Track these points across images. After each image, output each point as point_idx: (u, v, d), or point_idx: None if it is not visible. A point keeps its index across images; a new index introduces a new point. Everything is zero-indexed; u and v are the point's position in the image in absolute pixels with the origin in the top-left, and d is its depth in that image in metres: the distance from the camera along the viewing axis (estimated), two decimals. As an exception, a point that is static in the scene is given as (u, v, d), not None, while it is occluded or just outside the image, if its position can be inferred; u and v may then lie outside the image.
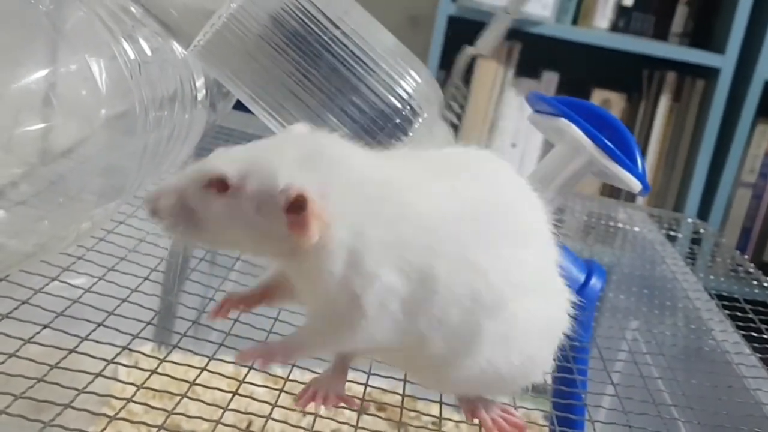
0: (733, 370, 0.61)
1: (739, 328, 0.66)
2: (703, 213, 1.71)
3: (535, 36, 1.67)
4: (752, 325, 0.65)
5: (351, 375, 0.62)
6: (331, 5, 0.59)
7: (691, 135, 1.72)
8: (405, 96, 0.59)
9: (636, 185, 0.58)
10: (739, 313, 0.68)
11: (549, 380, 0.57)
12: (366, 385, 0.53)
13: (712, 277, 0.81)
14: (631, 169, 0.58)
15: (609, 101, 1.74)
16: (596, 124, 0.59)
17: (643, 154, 1.71)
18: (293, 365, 0.52)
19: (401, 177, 0.41)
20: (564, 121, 0.59)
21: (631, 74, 1.75)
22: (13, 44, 0.50)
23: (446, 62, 1.72)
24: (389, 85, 0.59)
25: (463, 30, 1.67)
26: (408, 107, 0.59)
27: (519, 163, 1.76)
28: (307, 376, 0.63)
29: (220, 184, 0.40)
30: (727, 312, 0.70)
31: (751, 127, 1.66)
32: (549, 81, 1.76)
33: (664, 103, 1.73)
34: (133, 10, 0.59)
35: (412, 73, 0.60)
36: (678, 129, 1.73)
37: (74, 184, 0.55)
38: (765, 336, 0.63)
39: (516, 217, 0.43)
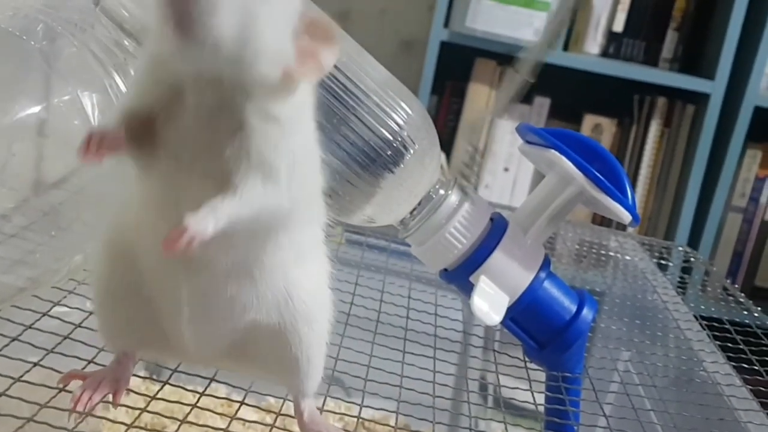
0: (724, 402, 0.61)
1: (730, 359, 0.66)
2: (694, 237, 1.71)
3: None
4: (743, 356, 0.65)
5: (344, 406, 0.62)
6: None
7: (681, 159, 1.73)
8: (396, 128, 0.59)
9: (626, 216, 0.58)
10: (729, 344, 0.68)
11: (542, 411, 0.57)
12: (358, 417, 0.53)
13: (703, 306, 0.81)
14: (621, 200, 0.58)
15: (600, 126, 1.75)
16: (586, 156, 0.59)
17: (634, 178, 1.73)
18: (285, 399, 0.52)
19: None
20: (554, 152, 0.59)
21: (622, 99, 1.76)
22: (7, 80, 0.50)
23: (438, 88, 1.73)
24: (380, 118, 0.59)
25: (456, 56, 1.68)
26: (399, 139, 0.59)
27: (512, 187, 1.76)
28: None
29: None
30: (718, 342, 0.70)
31: (741, 152, 1.67)
32: (540, 106, 1.77)
33: (654, 128, 1.73)
34: (125, 43, 0.59)
35: (404, 105, 0.60)
36: (669, 154, 1.74)
37: (66, 215, 0.55)
38: (756, 367, 0.63)
39: None
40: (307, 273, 0.46)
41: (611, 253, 0.96)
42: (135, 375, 0.53)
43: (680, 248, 1.00)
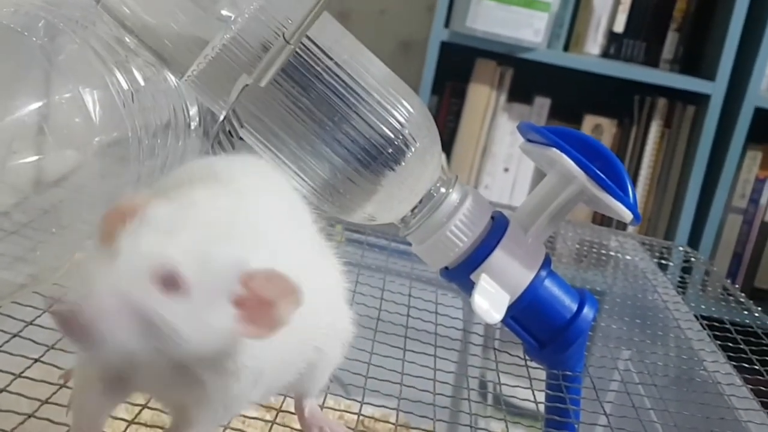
0: (724, 401, 0.61)
1: (730, 358, 0.66)
2: (694, 238, 1.71)
3: (527, 62, 1.68)
4: (744, 355, 0.65)
5: (344, 403, 0.62)
6: (323, 34, 0.60)
7: (682, 160, 1.73)
8: (397, 126, 0.59)
9: (627, 215, 0.58)
10: (730, 343, 0.68)
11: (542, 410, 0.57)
12: (359, 415, 0.53)
13: (703, 306, 0.81)
14: (623, 199, 0.58)
15: (600, 126, 1.75)
16: (588, 154, 0.59)
17: (634, 179, 1.73)
18: (285, 396, 0.52)
19: None
20: (555, 151, 0.59)
21: (622, 100, 1.76)
22: (8, 77, 0.50)
23: (438, 88, 1.73)
24: (381, 115, 0.59)
25: (456, 56, 1.68)
26: (400, 137, 0.59)
27: (511, 187, 1.76)
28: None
29: (169, 281, 0.33)
30: (718, 342, 0.70)
31: (741, 153, 1.67)
32: (541, 106, 1.77)
33: (655, 129, 1.73)
34: (127, 40, 0.59)
35: (405, 102, 0.60)
36: (669, 154, 1.74)
37: (67, 213, 0.55)
38: (756, 367, 0.63)
39: None
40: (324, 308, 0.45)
41: (611, 253, 0.96)
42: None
43: (680, 248, 1.00)
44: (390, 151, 0.58)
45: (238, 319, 0.35)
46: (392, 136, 0.58)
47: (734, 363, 0.66)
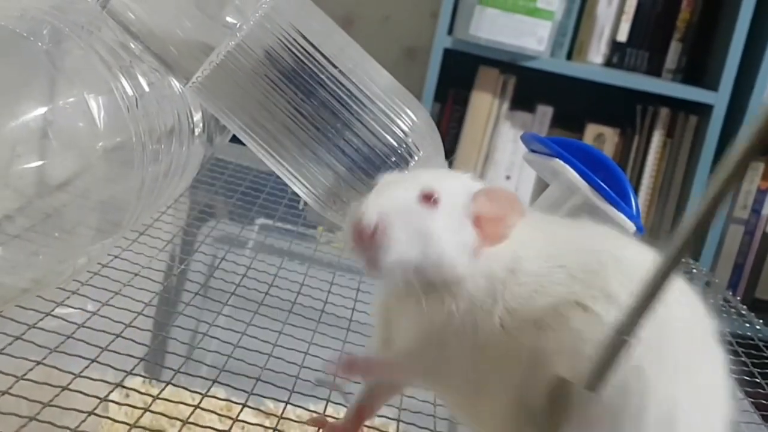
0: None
1: (731, 371, 0.66)
2: (696, 248, 1.71)
3: (530, 70, 1.68)
4: (745, 368, 0.65)
5: (343, 413, 0.62)
6: (327, 42, 0.60)
7: (684, 170, 1.73)
8: (401, 135, 0.59)
9: (630, 226, 0.58)
10: (731, 356, 0.68)
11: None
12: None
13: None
14: (625, 210, 0.58)
15: (603, 135, 1.75)
16: (591, 165, 0.59)
17: (636, 188, 1.73)
18: (287, 402, 0.52)
19: None
20: (558, 161, 0.59)
21: (625, 109, 1.76)
22: (13, 82, 0.50)
23: (441, 95, 1.73)
24: (385, 124, 0.59)
25: (459, 63, 1.68)
26: (404, 146, 0.59)
27: (513, 195, 1.76)
28: (298, 412, 0.64)
29: (429, 198, 0.42)
30: (720, 354, 0.69)
31: (743, 164, 1.67)
32: (543, 114, 1.77)
33: (657, 139, 1.74)
34: (132, 46, 0.59)
35: (408, 111, 0.60)
36: (671, 164, 1.74)
37: (70, 217, 0.55)
38: (758, 380, 0.63)
39: None
40: None
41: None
42: (136, 375, 0.53)
43: (682, 259, 1.00)
44: (393, 159, 0.58)
45: (477, 235, 0.42)
46: (396, 145, 0.59)
47: (735, 376, 0.65)
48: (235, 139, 0.68)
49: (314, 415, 0.50)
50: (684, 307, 0.43)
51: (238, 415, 0.51)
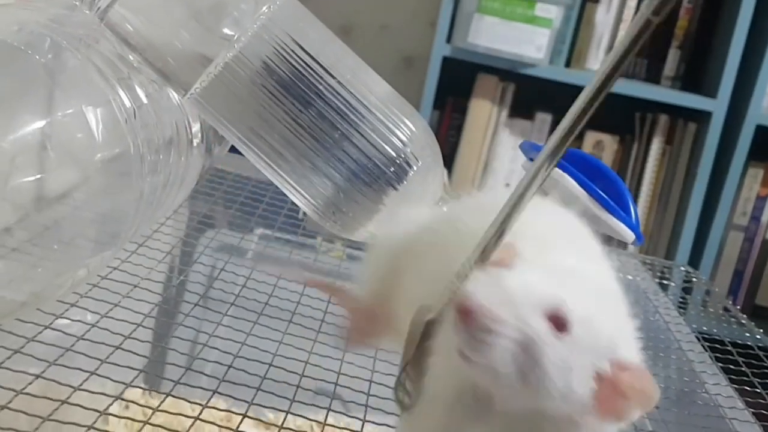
0: (726, 424, 0.60)
1: (731, 380, 0.66)
2: (696, 255, 1.71)
3: (528, 77, 1.68)
4: (745, 378, 0.65)
5: (344, 421, 0.62)
6: (325, 52, 0.60)
7: (683, 178, 1.74)
8: (399, 145, 0.59)
9: (629, 236, 0.58)
10: (731, 365, 0.68)
11: None
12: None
13: (705, 327, 0.81)
14: (625, 219, 0.58)
15: (601, 143, 1.75)
16: (590, 174, 0.59)
17: (636, 195, 1.73)
18: (287, 412, 0.52)
19: None
20: (557, 170, 0.59)
21: (624, 117, 1.76)
22: (11, 95, 0.50)
23: (440, 103, 1.74)
24: (384, 134, 0.59)
25: (458, 71, 1.68)
26: (402, 156, 0.59)
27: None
28: (299, 422, 0.63)
29: (558, 321, 0.35)
30: (720, 364, 0.69)
31: (742, 171, 1.68)
32: (542, 122, 1.77)
33: (656, 146, 1.74)
34: (130, 58, 0.59)
35: (407, 121, 0.60)
36: (670, 171, 1.74)
37: (69, 230, 0.55)
38: (758, 390, 0.63)
39: None
40: None
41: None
42: (135, 386, 0.53)
43: (681, 268, 1.00)
44: (392, 170, 0.58)
45: (592, 393, 0.35)
46: (394, 155, 0.59)
47: (735, 386, 0.65)
48: (234, 150, 0.68)
49: (314, 419, 0.50)
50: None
51: (238, 426, 0.51)
